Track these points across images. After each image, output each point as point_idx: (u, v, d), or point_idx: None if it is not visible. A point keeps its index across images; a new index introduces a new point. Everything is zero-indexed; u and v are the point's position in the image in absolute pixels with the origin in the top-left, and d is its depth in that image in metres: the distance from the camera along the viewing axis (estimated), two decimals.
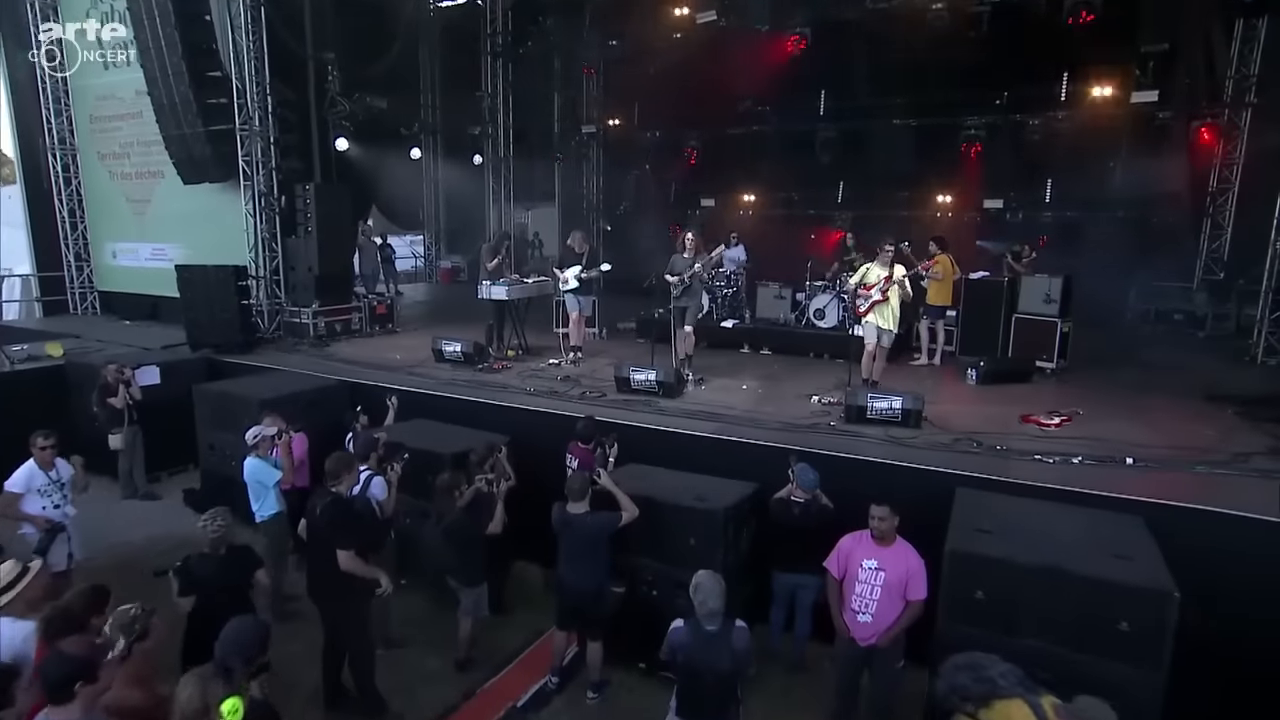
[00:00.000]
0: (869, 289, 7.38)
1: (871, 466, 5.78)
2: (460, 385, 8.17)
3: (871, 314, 7.41)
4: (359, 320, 11.57)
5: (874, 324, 7.48)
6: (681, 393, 7.80)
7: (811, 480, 5.23)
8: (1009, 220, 13.69)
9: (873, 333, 7.47)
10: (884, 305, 7.38)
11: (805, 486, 5.22)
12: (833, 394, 7.67)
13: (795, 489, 5.27)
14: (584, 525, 4.93)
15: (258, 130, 10.37)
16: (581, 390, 7.90)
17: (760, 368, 9.31)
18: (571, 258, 9.87)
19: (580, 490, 4.99)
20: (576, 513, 4.97)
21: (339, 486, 4.66)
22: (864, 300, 7.43)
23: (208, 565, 4.32)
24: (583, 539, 4.93)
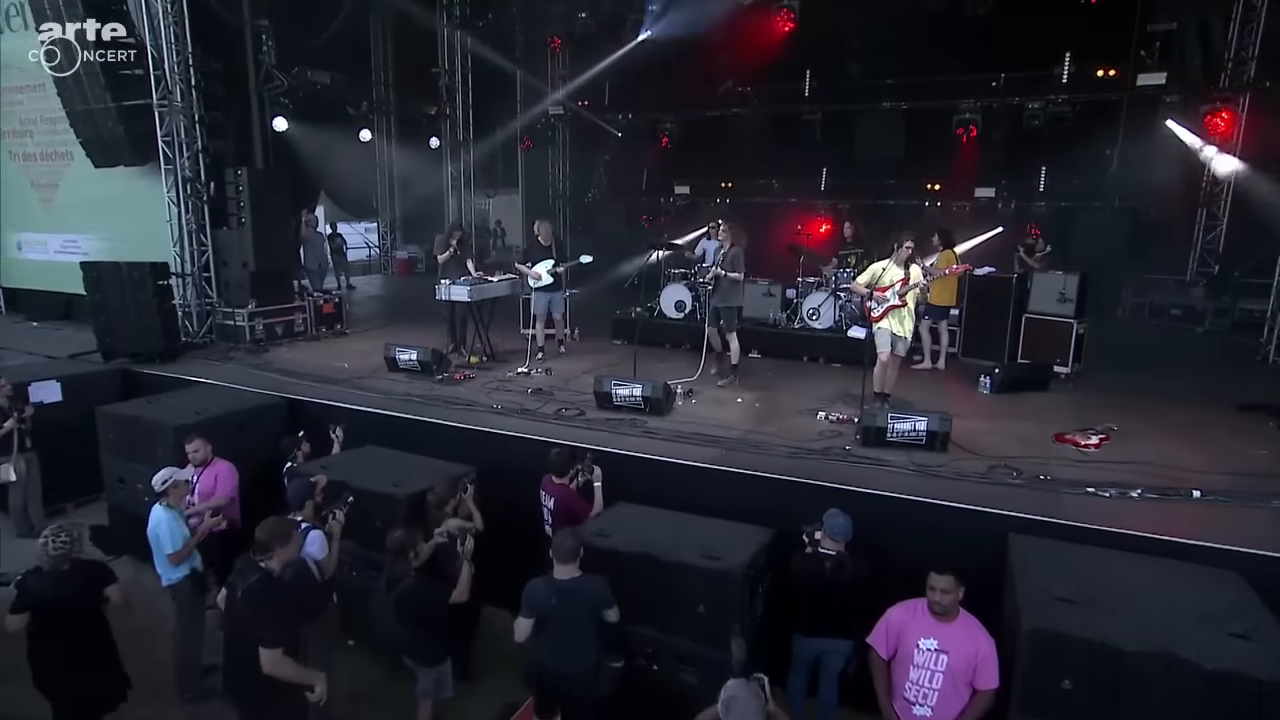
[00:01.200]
0: (884, 290, 6.54)
1: (901, 505, 4.97)
2: (417, 402, 7.15)
3: (886, 319, 6.58)
4: (303, 321, 10.41)
5: (888, 330, 6.67)
6: (671, 409, 6.91)
7: (844, 528, 4.41)
8: (1000, 210, 13.07)
9: (886, 340, 6.65)
10: (901, 310, 6.56)
11: (836, 535, 4.39)
12: (838, 408, 6.88)
13: (823, 537, 4.43)
14: (579, 596, 4.02)
15: (179, 106, 9.09)
16: (557, 407, 6.95)
17: (753, 375, 8.46)
18: (539, 251, 8.91)
19: (571, 550, 4.08)
20: (567, 579, 4.05)
21: (270, 562, 3.66)
22: (878, 304, 6.60)
23: (44, 583, 3.94)
24: (578, 614, 4.02)
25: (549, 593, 4.03)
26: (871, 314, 6.66)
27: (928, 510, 4.88)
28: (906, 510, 4.93)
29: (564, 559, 4.07)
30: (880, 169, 13.32)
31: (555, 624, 4.03)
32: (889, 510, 4.97)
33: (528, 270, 8.93)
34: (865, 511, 4.71)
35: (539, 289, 8.93)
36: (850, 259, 9.71)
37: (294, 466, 5.82)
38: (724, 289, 7.76)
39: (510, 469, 5.92)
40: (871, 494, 5.05)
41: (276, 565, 3.68)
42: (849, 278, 9.19)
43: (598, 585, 4.06)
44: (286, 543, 3.74)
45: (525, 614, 4.08)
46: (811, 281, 9.80)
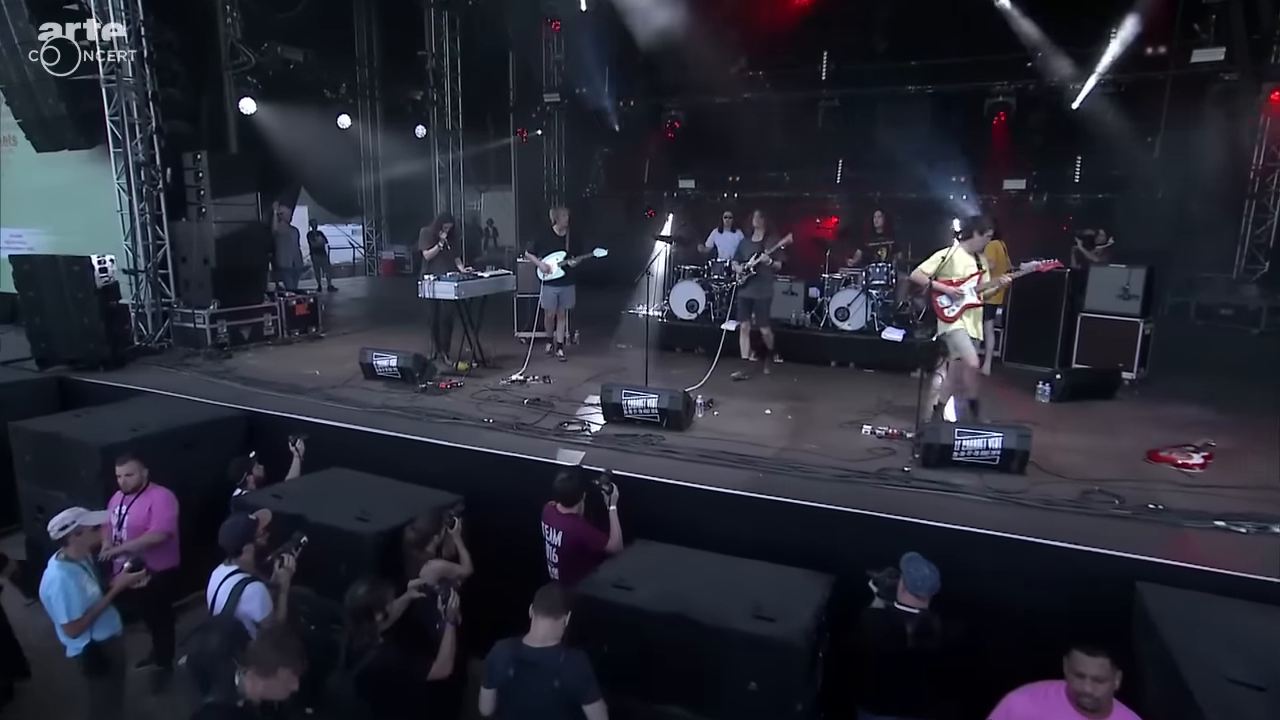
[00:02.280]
0: (957, 284, 5.65)
1: (992, 545, 4.08)
2: (395, 415, 6.24)
3: (962, 318, 5.66)
4: (273, 324, 9.46)
5: (965, 331, 5.65)
6: (691, 423, 6.01)
7: (930, 581, 3.51)
8: (1031, 203, 12.24)
9: (968, 342, 5.69)
10: (977, 309, 5.67)
11: (920, 589, 3.50)
12: (883, 421, 5.99)
13: (902, 591, 3.53)
14: (545, 674, 3.11)
15: (130, 82, 8.16)
16: (559, 421, 6.04)
17: (778, 383, 7.59)
18: (552, 241, 8.26)
19: (550, 607, 3.20)
20: (536, 648, 3.15)
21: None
22: (951, 300, 5.66)
23: None
24: (543, 697, 3.09)
25: (507, 661, 3.15)
26: (943, 312, 5.73)
27: (1028, 552, 3.98)
28: (999, 551, 4.05)
29: (541, 613, 3.19)
30: (902, 159, 12.46)
31: (514, 704, 3.13)
32: (972, 550, 4.09)
33: (538, 261, 8.23)
34: (939, 551, 3.81)
35: (548, 282, 8.28)
36: (881, 251, 8.89)
37: (243, 495, 4.90)
38: (762, 279, 7.50)
39: (505, 496, 5.05)
40: (951, 530, 4.16)
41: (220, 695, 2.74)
42: (883, 273, 8.37)
43: (575, 665, 3.13)
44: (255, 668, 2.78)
45: (485, 683, 3.25)
46: (838, 278, 8.93)
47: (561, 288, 8.33)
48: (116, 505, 4.78)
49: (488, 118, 14.60)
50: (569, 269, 8.25)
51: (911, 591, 3.51)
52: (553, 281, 8.32)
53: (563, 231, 8.33)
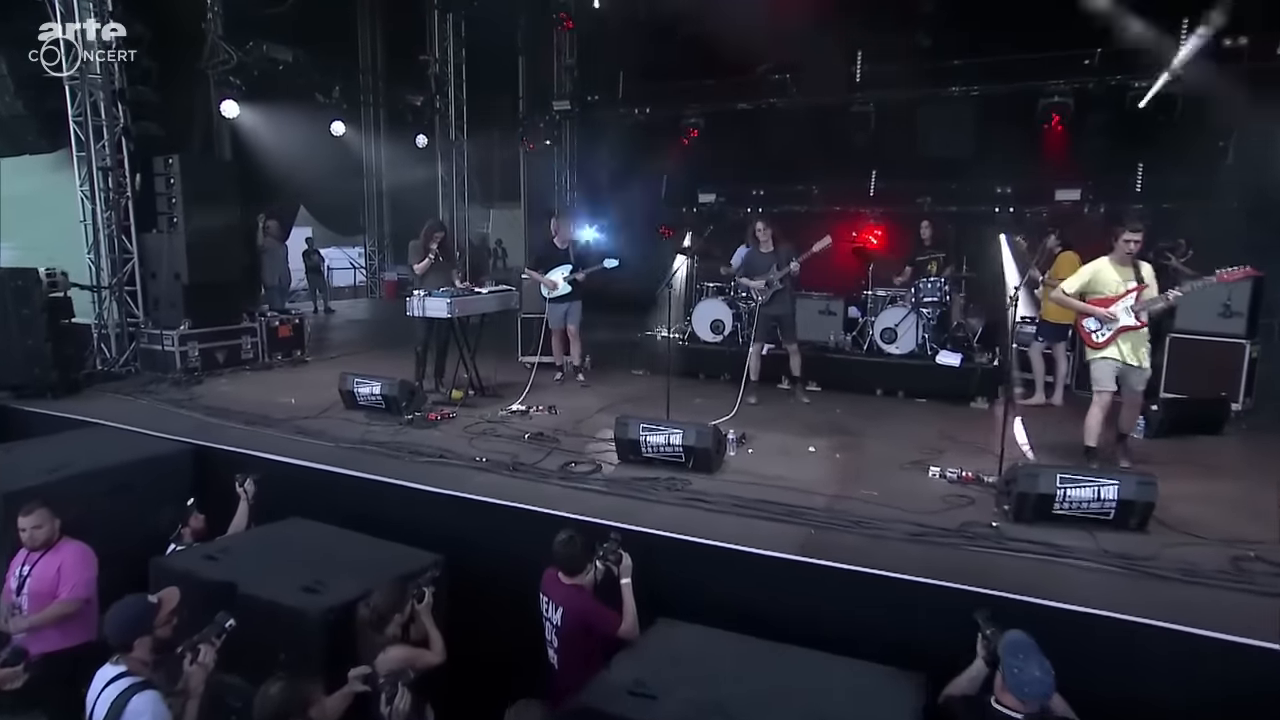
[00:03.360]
0: (1109, 303, 4.78)
1: (1116, 631, 3.16)
2: (371, 452, 5.42)
3: (1114, 344, 4.79)
4: (252, 347, 8.72)
5: (1115, 361, 4.79)
6: (721, 463, 5.13)
7: (1041, 686, 2.63)
8: (1087, 215, 11.32)
9: (1110, 374, 4.80)
10: (1138, 332, 4.80)
11: (1030, 694, 2.61)
12: (950, 461, 5.10)
13: (1000, 688, 2.66)
14: None
15: (95, 80, 7.53)
16: (565, 460, 5.19)
17: (818, 414, 6.71)
18: (554, 255, 7.63)
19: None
20: None
21: None
22: (1102, 324, 4.79)
23: None
24: None
25: None
26: (1091, 338, 4.85)
27: (1175, 643, 3.06)
28: (1132, 641, 3.12)
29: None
30: (942, 169, 11.64)
31: None
32: (1091, 637, 3.17)
33: (540, 277, 7.60)
34: (1049, 636, 2.91)
35: (554, 300, 7.63)
36: (931, 265, 8.04)
37: (172, 553, 4.08)
38: (786, 294, 6.88)
39: (497, 555, 4.23)
40: (1069, 612, 3.24)
41: None
42: (935, 289, 7.53)
43: None
44: None
45: None
46: (883, 295, 8.07)
47: (569, 304, 7.65)
48: (18, 565, 3.98)
49: (494, 128, 13.96)
50: (576, 284, 7.57)
51: (1014, 693, 2.61)
52: (559, 299, 7.65)
53: (564, 244, 7.72)
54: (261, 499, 4.59)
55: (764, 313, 6.97)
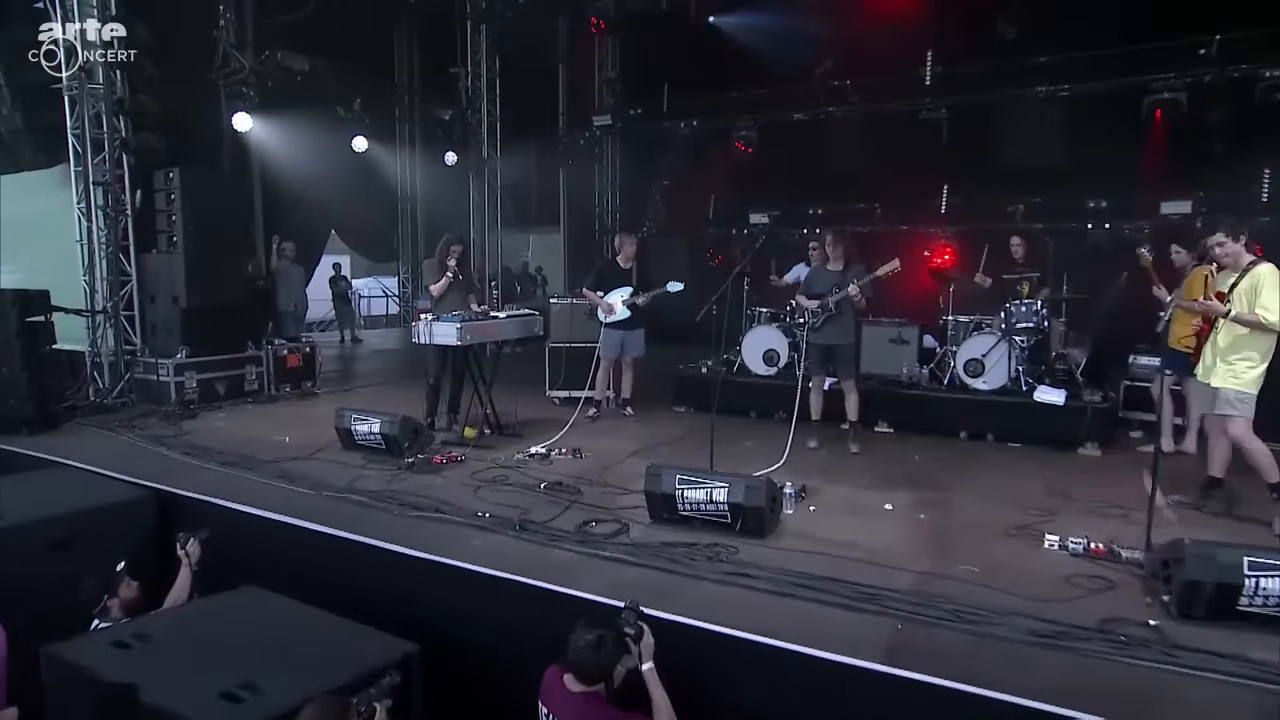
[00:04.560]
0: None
1: None
2: (356, 503, 4.71)
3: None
4: (257, 377, 8.20)
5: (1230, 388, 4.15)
6: (776, 525, 4.26)
7: None
8: (1200, 230, 10.12)
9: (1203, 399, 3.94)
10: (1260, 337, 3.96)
11: None
12: (1068, 523, 4.14)
13: None
14: None
15: (96, 89, 7.20)
16: (585, 518, 4.38)
17: (893, 462, 5.79)
18: (616, 275, 7.15)
19: None
20: None
21: None
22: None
23: None
24: None
25: None
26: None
27: None
28: None
29: None
30: (1025, 182, 10.61)
31: None
32: None
33: (596, 299, 7.10)
34: None
35: (610, 325, 7.09)
36: (1023, 286, 7.05)
37: (91, 633, 3.39)
38: (844, 319, 6.01)
39: (487, 646, 3.42)
40: None
41: None
42: (1031, 314, 6.55)
43: None
44: None
45: None
46: (965, 321, 7.12)
47: (627, 331, 7.09)
48: None
49: (530, 145, 13.48)
50: (636, 308, 7.00)
51: None
52: (616, 324, 7.07)
53: (628, 263, 7.15)
54: (213, 560, 3.91)
55: (816, 340, 6.14)
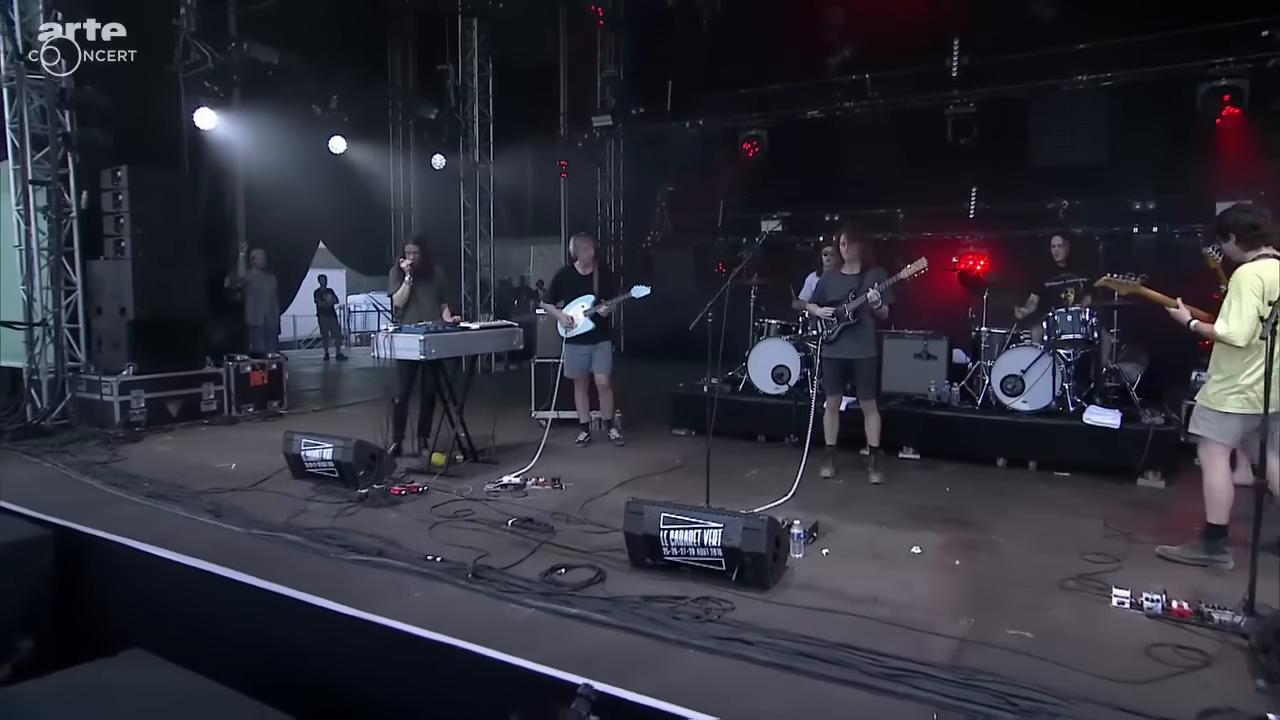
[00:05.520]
0: None
1: None
2: (286, 545, 4.13)
3: None
4: (215, 396, 7.71)
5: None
6: (781, 574, 3.65)
7: None
8: None
9: None
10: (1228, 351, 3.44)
11: None
12: (1135, 572, 3.52)
13: None
14: None
15: (37, 81, 6.78)
16: (552, 565, 3.79)
17: (918, 494, 5.19)
18: (574, 283, 6.56)
19: None
20: None
21: None
22: None
23: None
24: None
25: None
26: None
27: None
28: None
29: None
30: (1066, 182, 10.01)
31: None
32: None
33: (556, 312, 6.49)
34: None
35: (572, 340, 6.48)
36: (1067, 294, 6.44)
37: None
38: (864, 330, 5.42)
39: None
40: None
41: None
42: (1076, 324, 5.95)
43: None
44: None
45: None
46: (1001, 332, 6.52)
47: (591, 346, 6.46)
48: None
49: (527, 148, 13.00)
50: (600, 320, 6.36)
51: None
52: (578, 338, 6.45)
53: (588, 269, 6.55)
54: (109, 609, 3.35)
55: (831, 354, 5.55)
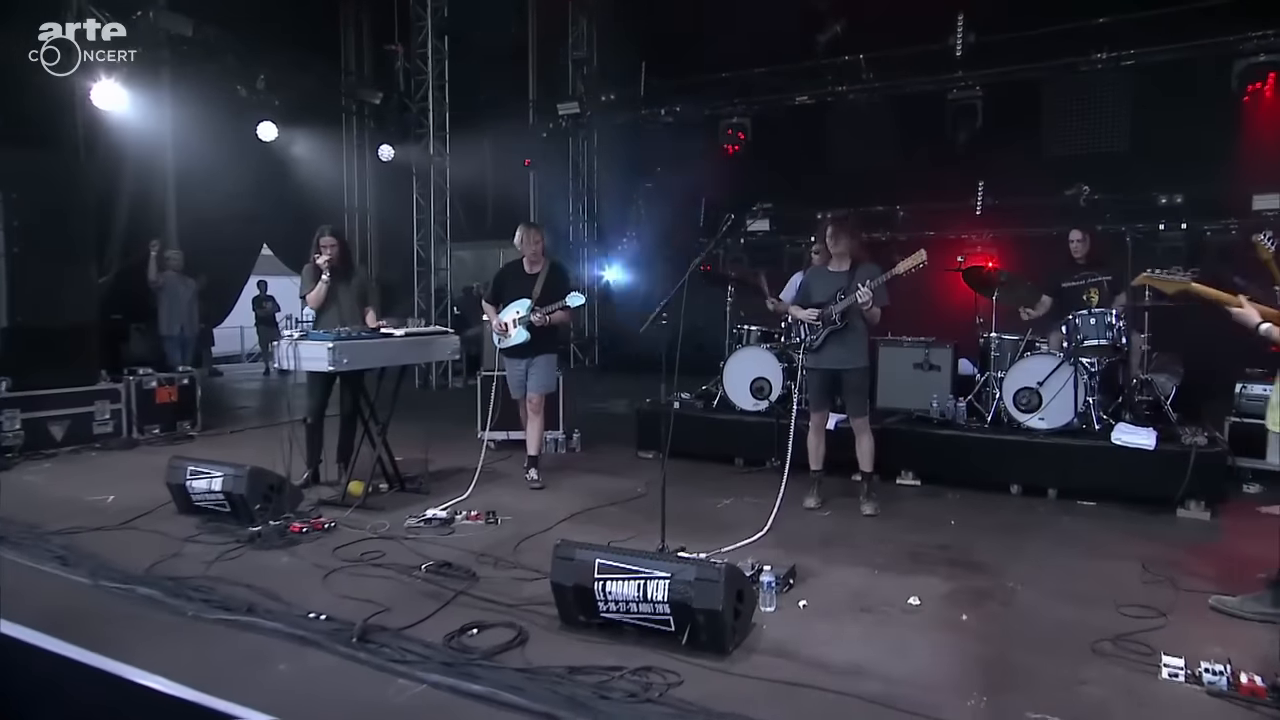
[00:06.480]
0: None
1: None
2: (139, 600, 3.59)
3: None
4: (112, 416, 7.17)
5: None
6: (745, 632, 3.15)
7: None
8: None
9: None
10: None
11: None
12: (1187, 639, 3.05)
13: None
14: None
15: None
16: (468, 623, 3.27)
17: (918, 529, 4.73)
18: (516, 282, 5.83)
19: None
20: None
21: None
22: None
23: None
24: None
25: None
26: None
27: None
28: None
29: None
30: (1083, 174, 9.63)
31: None
32: None
33: (493, 318, 5.83)
34: None
35: (507, 351, 5.79)
36: (1091, 294, 6.00)
37: None
38: (854, 335, 5.04)
39: None
40: None
41: None
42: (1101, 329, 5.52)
43: None
44: None
45: None
46: (1014, 339, 6.08)
47: (527, 360, 5.75)
48: None
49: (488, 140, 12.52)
50: (536, 329, 5.65)
51: None
52: (514, 350, 5.76)
53: (535, 266, 5.81)
54: None
55: (815, 364, 5.14)
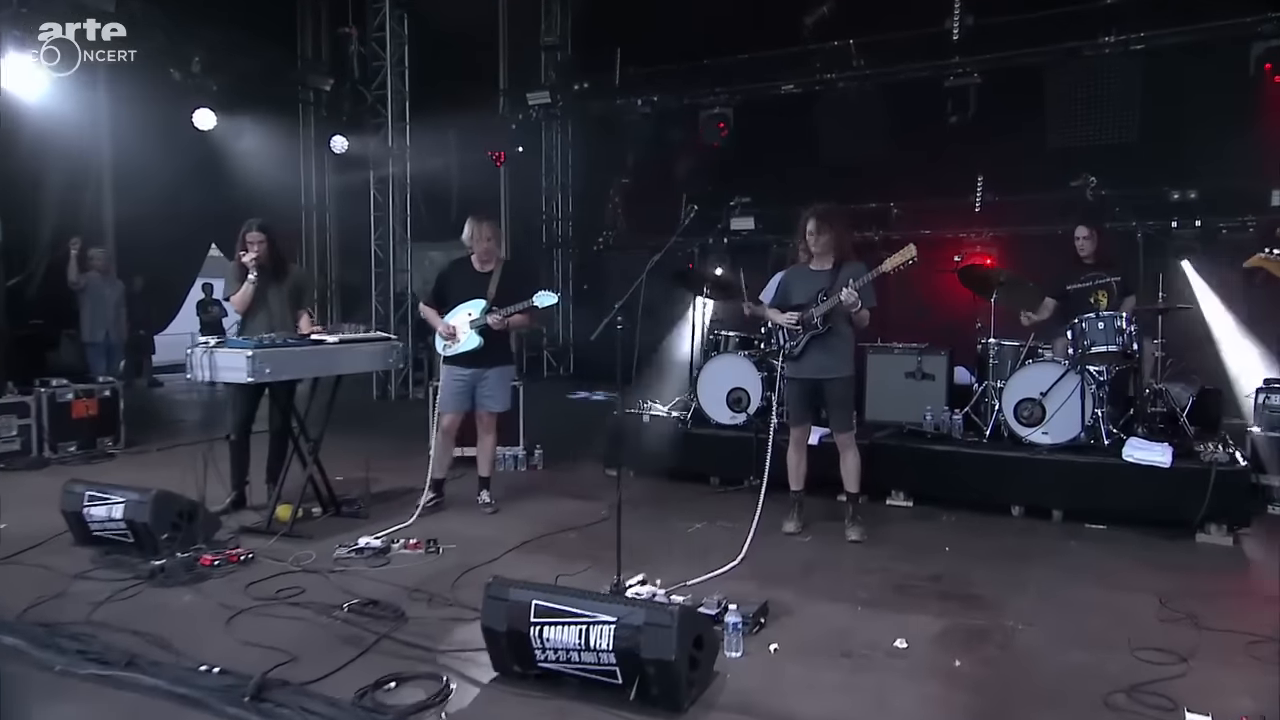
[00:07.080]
0: None
1: None
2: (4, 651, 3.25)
3: None
4: (19, 432, 6.84)
5: None
6: (704, 686, 2.84)
7: None
8: None
9: None
10: None
11: None
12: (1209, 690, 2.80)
13: None
14: None
15: None
16: (385, 676, 2.95)
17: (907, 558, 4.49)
18: (465, 281, 5.41)
19: None
20: None
21: None
22: None
23: None
24: None
25: None
26: None
27: None
28: None
29: None
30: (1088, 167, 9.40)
31: None
32: None
33: (435, 319, 5.41)
34: None
35: (451, 360, 5.36)
36: (1099, 297, 5.77)
37: None
38: (839, 341, 4.85)
39: None
40: None
41: None
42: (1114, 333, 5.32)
43: None
44: None
45: None
46: (1014, 345, 5.85)
47: (474, 371, 5.34)
48: None
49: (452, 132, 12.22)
50: (489, 332, 5.24)
51: None
52: (459, 359, 5.33)
53: (487, 264, 5.40)
54: None
55: (794, 372, 4.90)
